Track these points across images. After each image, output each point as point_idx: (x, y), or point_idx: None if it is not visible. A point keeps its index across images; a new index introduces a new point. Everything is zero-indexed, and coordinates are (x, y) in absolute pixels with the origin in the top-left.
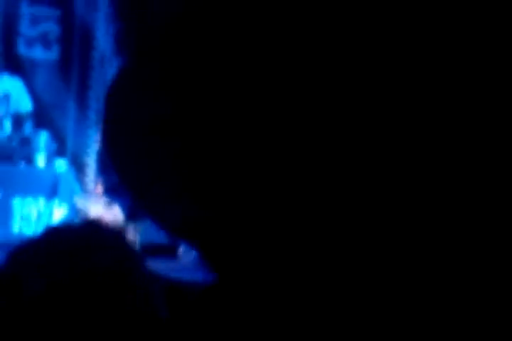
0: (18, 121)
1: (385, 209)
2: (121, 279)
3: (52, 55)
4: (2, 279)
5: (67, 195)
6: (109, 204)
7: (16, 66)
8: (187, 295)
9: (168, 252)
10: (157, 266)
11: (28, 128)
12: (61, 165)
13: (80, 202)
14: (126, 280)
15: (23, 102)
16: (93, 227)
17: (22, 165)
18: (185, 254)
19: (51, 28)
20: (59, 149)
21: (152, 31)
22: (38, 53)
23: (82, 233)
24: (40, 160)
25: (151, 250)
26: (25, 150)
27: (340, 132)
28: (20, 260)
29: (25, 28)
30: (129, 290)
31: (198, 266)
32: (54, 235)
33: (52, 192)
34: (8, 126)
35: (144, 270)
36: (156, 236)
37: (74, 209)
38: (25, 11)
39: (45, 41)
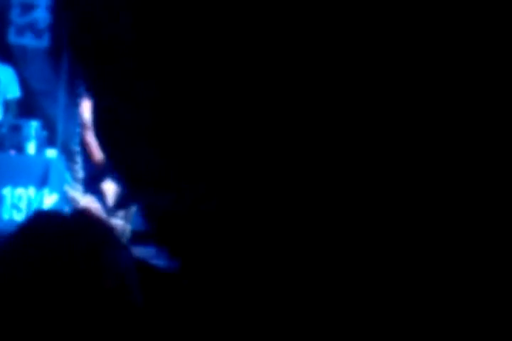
0: (5, 107)
1: (384, 209)
2: (99, 264)
3: (43, 43)
4: None
5: (58, 184)
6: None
7: (6, 54)
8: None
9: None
10: (147, 253)
11: (14, 115)
12: (52, 153)
13: (70, 191)
14: (101, 265)
15: (11, 89)
16: (76, 215)
17: (12, 153)
18: None
19: (42, 16)
20: (49, 138)
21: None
22: (29, 41)
23: (65, 220)
24: (31, 149)
25: (141, 237)
26: (15, 138)
27: (339, 132)
28: (6, 244)
29: (16, 16)
30: (102, 275)
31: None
32: (37, 221)
33: (42, 180)
34: None
35: (122, 257)
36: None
37: (64, 198)
38: None
39: (35, 29)
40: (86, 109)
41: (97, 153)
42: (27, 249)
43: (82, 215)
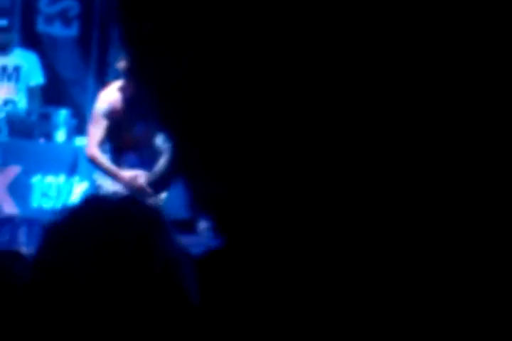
0: (30, 94)
1: (384, 209)
2: (149, 249)
3: (72, 32)
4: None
5: (87, 172)
6: (136, 175)
7: (35, 43)
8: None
9: (186, 227)
10: (183, 241)
11: (38, 102)
12: (81, 141)
13: (99, 179)
14: (154, 250)
15: (35, 75)
16: (128, 200)
17: (42, 141)
18: (204, 230)
19: (71, 5)
20: (79, 126)
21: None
22: (57, 30)
23: (117, 204)
24: (60, 137)
25: (178, 225)
26: (44, 126)
27: (340, 132)
28: (56, 232)
29: (44, 6)
30: (155, 259)
31: (213, 241)
32: (89, 206)
33: (72, 168)
34: (22, 99)
35: (173, 242)
36: (176, 211)
37: (94, 186)
38: None
39: (64, 18)
40: (99, 99)
41: (91, 145)
42: (77, 233)
43: (133, 199)
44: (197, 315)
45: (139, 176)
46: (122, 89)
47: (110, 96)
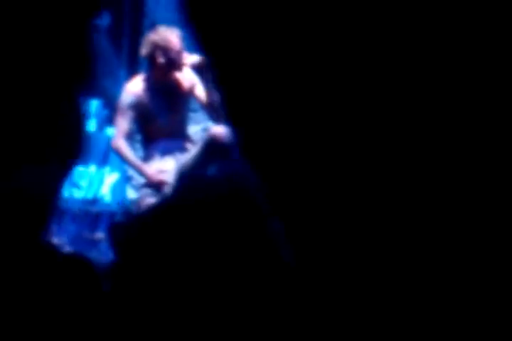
0: None
1: (383, 207)
2: (264, 216)
3: (104, 22)
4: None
5: (118, 162)
6: (159, 170)
7: None
8: None
9: None
10: None
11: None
12: (112, 132)
13: (130, 169)
14: (267, 218)
15: None
16: (226, 177)
17: None
18: None
19: None
20: (110, 116)
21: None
22: None
23: (216, 179)
24: (92, 128)
25: None
26: None
27: (339, 131)
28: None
29: None
30: (269, 226)
31: None
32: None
33: (103, 159)
34: None
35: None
36: None
37: (125, 176)
38: None
39: None
40: (125, 90)
41: (117, 137)
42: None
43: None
44: (295, 277)
45: (162, 172)
46: (147, 79)
47: (135, 87)
